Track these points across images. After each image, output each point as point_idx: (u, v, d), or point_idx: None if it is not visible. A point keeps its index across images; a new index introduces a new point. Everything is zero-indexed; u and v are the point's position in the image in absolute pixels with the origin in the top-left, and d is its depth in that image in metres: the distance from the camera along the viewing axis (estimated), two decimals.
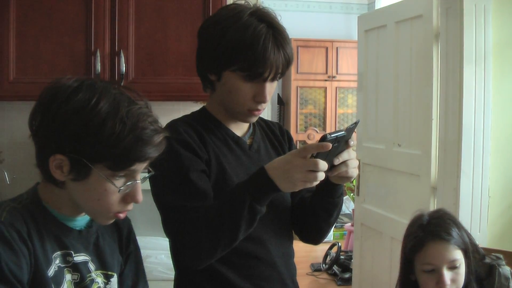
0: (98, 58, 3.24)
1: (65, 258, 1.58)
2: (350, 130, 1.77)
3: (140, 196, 1.58)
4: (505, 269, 2.27)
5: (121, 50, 3.28)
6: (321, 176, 1.67)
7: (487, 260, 2.30)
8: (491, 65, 3.36)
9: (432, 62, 3.58)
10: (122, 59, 3.27)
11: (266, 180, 1.71)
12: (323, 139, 1.64)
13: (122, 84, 3.28)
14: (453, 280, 2.15)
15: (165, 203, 1.89)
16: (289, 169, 1.67)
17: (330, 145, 1.64)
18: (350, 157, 1.81)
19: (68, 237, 1.60)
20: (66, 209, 1.60)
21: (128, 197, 1.56)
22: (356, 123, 1.83)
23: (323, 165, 1.65)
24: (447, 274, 2.14)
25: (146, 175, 1.65)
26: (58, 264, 1.56)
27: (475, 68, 3.33)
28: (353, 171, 1.84)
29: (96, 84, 1.51)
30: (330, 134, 1.65)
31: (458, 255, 2.16)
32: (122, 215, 1.60)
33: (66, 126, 1.45)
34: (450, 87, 3.41)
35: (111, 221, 1.64)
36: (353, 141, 1.81)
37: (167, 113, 3.62)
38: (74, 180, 1.50)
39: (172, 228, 1.85)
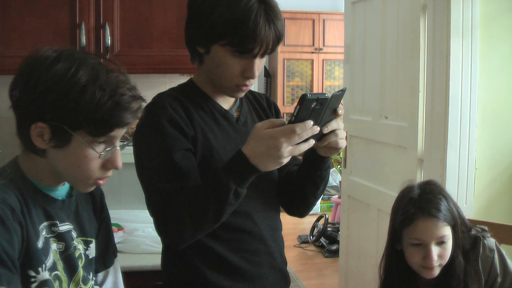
0: (83, 31, 3.22)
1: (51, 228, 1.62)
2: (336, 98, 1.74)
3: (119, 162, 1.62)
4: (490, 241, 2.29)
5: (106, 23, 3.25)
6: (309, 144, 1.69)
7: (473, 232, 2.32)
8: (478, 37, 3.35)
9: (419, 34, 3.56)
10: (107, 32, 3.24)
11: (249, 167, 1.70)
12: (303, 97, 1.62)
13: (107, 57, 3.26)
14: (440, 255, 2.18)
15: (147, 183, 1.89)
16: (274, 154, 1.66)
17: (310, 124, 1.64)
18: (339, 127, 1.81)
19: (53, 208, 1.64)
20: (47, 179, 1.64)
21: (108, 163, 1.60)
22: (343, 91, 1.79)
23: (307, 133, 1.65)
24: (434, 250, 2.17)
25: (125, 142, 1.70)
26: (45, 235, 1.59)
27: (462, 40, 3.32)
28: (342, 142, 1.84)
29: (74, 54, 1.55)
30: (311, 93, 1.63)
31: (446, 231, 2.19)
32: (102, 182, 1.64)
33: (47, 94, 1.48)
34: (437, 59, 3.41)
35: (91, 188, 1.68)
36: (341, 110, 1.79)
37: (153, 85, 3.60)
38: (55, 148, 1.54)
39: (154, 209, 1.85)
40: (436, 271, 2.21)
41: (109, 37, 3.25)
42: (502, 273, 2.26)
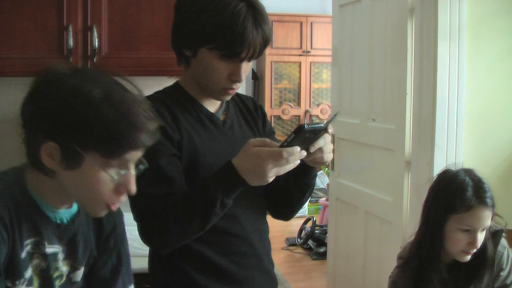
0: (71, 33, 3.20)
1: (37, 245, 1.56)
2: (329, 121, 1.78)
3: (133, 187, 1.54)
4: (503, 239, 2.43)
5: (94, 25, 3.24)
6: (294, 165, 1.71)
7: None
8: (466, 40, 3.37)
9: (406, 37, 3.58)
10: (95, 34, 3.23)
11: (237, 179, 1.72)
12: (300, 129, 1.64)
13: (95, 59, 3.25)
14: (480, 240, 2.27)
15: None
16: (259, 173, 1.68)
17: (298, 150, 1.66)
18: (326, 143, 1.82)
19: (45, 228, 1.58)
20: (51, 199, 1.57)
21: (122, 188, 1.53)
22: (335, 115, 1.84)
23: (295, 158, 1.68)
24: (479, 236, 2.25)
25: (141, 167, 1.59)
26: (28, 250, 1.54)
27: (450, 43, 3.34)
28: (328, 156, 1.85)
29: (88, 71, 1.51)
30: (308, 125, 1.65)
31: (490, 221, 2.28)
32: (114, 207, 1.56)
33: (59, 112, 1.42)
34: (425, 62, 3.42)
35: (103, 213, 1.60)
36: (331, 130, 1.80)
37: (141, 88, 3.59)
38: (66, 169, 1.47)
39: (139, 214, 1.85)
40: (469, 257, 2.29)
41: (97, 39, 3.24)
42: (508, 270, 2.38)
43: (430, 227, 2.34)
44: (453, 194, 2.28)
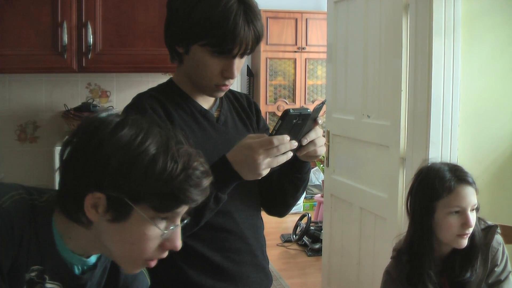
0: (65, 30, 3.20)
1: (40, 274, 1.44)
2: (317, 110, 1.78)
3: (179, 242, 1.45)
4: (499, 236, 2.46)
5: (88, 22, 3.24)
6: (287, 157, 1.72)
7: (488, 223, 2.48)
8: (460, 37, 3.37)
9: (401, 33, 3.58)
10: (89, 31, 3.23)
11: (231, 173, 1.74)
12: (286, 113, 1.65)
13: (89, 56, 3.24)
14: (473, 220, 2.31)
15: None
16: (252, 165, 1.69)
17: (287, 138, 1.68)
18: (317, 136, 1.83)
19: (54, 264, 1.45)
20: (76, 246, 1.47)
21: (167, 243, 1.43)
22: (323, 103, 1.86)
23: (286, 147, 1.69)
24: (471, 215, 2.30)
25: (186, 220, 1.49)
26: (33, 276, 1.43)
27: (444, 39, 3.34)
28: (321, 149, 1.86)
29: (141, 120, 1.41)
30: (293, 109, 1.66)
31: (476, 199, 2.34)
32: (153, 263, 1.45)
33: (110, 161, 1.32)
34: (419, 58, 3.42)
35: (139, 270, 1.52)
36: (321, 120, 1.83)
37: (136, 84, 3.60)
38: (111, 222, 1.36)
39: None
40: (466, 241, 2.32)
41: (91, 36, 3.23)
42: (502, 266, 2.40)
43: (418, 223, 2.37)
44: (433, 182, 2.33)
